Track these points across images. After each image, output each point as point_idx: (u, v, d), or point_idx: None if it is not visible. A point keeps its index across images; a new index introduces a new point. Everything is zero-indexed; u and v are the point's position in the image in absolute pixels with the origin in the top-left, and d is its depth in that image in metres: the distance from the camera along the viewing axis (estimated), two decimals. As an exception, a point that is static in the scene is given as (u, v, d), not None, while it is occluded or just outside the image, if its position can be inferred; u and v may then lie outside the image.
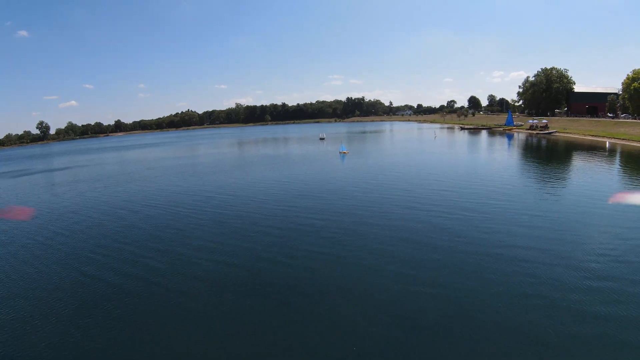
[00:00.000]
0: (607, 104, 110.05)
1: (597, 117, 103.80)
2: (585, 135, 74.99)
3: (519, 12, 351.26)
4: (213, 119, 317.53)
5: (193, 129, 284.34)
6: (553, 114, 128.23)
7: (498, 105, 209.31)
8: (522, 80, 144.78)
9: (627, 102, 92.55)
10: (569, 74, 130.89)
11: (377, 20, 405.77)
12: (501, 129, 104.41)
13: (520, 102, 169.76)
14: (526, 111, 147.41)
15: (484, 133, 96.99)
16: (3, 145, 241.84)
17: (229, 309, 12.03)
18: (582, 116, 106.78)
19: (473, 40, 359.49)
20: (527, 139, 75.30)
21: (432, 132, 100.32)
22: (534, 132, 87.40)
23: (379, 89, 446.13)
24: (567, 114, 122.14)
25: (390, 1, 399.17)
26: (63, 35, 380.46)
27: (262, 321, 11.11)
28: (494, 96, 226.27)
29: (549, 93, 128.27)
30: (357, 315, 11.12)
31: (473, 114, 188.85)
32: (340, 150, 57.49)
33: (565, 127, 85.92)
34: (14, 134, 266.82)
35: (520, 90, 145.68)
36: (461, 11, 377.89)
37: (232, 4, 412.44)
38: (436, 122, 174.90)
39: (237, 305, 12.21)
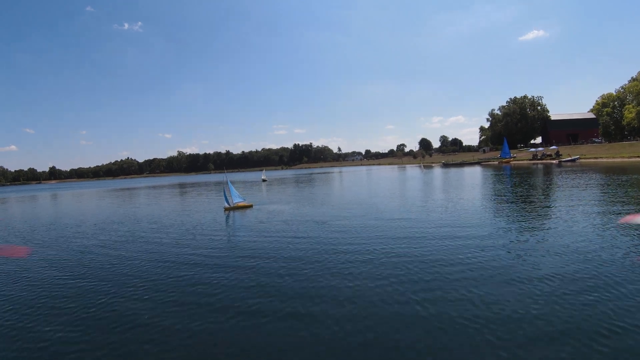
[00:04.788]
0: (599, 128, 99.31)
1: (579, 144, 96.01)
2: (614, 158, 60.91)
3: (453, 59, 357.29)
4: (153, 167, 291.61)
5: (131, 177, 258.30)
6: (526, 145, 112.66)
7: (452, 145, 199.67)
8: (464, 121, 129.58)
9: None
10: (543, 101, 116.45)
11: (319, 71, 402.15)
12: (496, 162, 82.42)
13: (482, 137, 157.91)
14: (490, 146, 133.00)
15: (477, 168, 73.63)
16: None
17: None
18: (563, 144, 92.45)
19: (411, 89, 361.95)
20: (550, 170, 51.66)
21: (416, 169, 77.91)
22: (543, 161, 66.85)
23: (323, 137, 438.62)
24: (545, 143, 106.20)
25: (330, 54, 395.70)
26: (4, 77, 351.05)
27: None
28: (446, 137, 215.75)
29: (524, 122, 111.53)
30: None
31: (430, 155, 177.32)
32: (227, 206, 24.98)
33: (583, 154, 66.95)
34: None
35: (489, 123, 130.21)
36: (399, 62, 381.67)
37: (177, 53, 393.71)
38: (394, 164, 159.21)
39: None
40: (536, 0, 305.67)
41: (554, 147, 75.21)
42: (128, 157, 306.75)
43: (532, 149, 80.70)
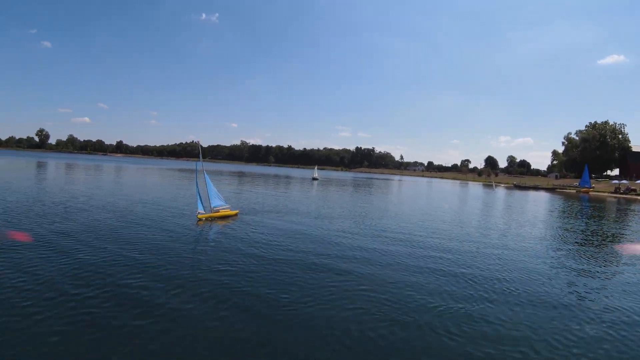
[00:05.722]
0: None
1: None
2: None
3: (527, 78, 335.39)
4: (215, 153, 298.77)
5: (194, 160, 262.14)
6: (601, 175, 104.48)
7: (520, 166, 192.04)
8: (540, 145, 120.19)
9: None
10: (626, 130, 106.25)
11: (388, 77, 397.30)
12: (573, 190, 77.71)
13: (555, 162, 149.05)
14: (562, 172, 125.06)
15: (551, 195, 70.23)
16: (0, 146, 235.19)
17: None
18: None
19: (480, 104, 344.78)
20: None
21: (478, 186, 75.47)
22: (627, 196, 62.62)
23: (385, 143, 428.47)
24: (624, 175, 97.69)
25: (402, 61, 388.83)
26: (85, 54, 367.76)
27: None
28: (514, 157, 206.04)
29: (603, 150, 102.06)
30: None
31: (496, 174, 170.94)
32: (202, 213, 17.91)
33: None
34: (17, 137, 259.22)
35: (564, 147, 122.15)
36: (470, 75, 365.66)
37: (250, 46, 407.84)
38: (457, 179, 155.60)
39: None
40: (617, 25, 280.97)
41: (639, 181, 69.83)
42: (192, 141, 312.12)
43: (615, 181, 75.17)
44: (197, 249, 12.89)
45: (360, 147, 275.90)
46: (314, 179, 72.57)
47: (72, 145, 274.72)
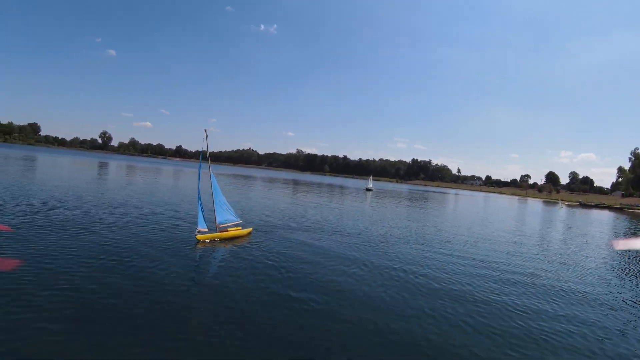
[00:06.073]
0: None
1: None
2: None
3: (588, 90, 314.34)
4: (271, 161, 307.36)
5: (249, 167, 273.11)
6: None
7: (583, 184, 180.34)
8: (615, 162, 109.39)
9: None
10: None
11: (446, 88, 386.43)
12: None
13: (620, 179, 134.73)
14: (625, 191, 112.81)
15: (620, 215, 62.93)
16: (64, 146, 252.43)
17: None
18: None
19: (540, 118, 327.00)
20: None
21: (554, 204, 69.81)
22: None
23: (442, 156, 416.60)
24: None
25: (459, 72, 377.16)
26: (148, 62, 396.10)
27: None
28: (576, 174, 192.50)
29: None
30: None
31: (557, 191, 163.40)
32: (203, 231, 13.93)
33: None
34: (81, 138, 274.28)
35: (631, 163, 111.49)
36: (529, 87, 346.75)
37: (307, 57, 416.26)
38: (516, 195, 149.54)
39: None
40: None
41: None
42: (249, 148, 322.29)
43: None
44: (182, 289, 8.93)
45: (417, 159, 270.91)
46: (368, 189, 70.14)
47: (134, 148, 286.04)
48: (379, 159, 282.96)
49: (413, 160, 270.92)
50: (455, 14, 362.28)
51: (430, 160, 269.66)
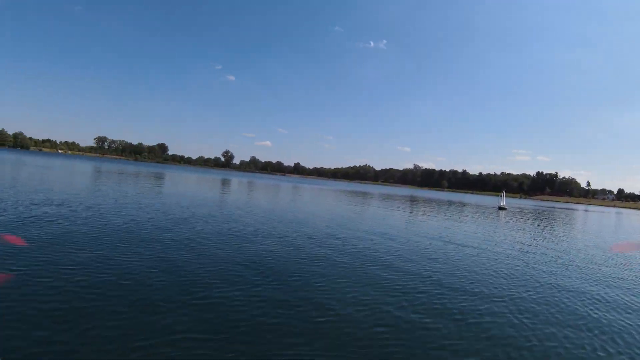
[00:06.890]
0: None
1: None
2: None
3: None
4: (387, 177, 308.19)
5: (365, 183, 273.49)
6: None
7: None
8: None
9: None
10: None
11: (567, 94, 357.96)
12: None
13: None
14: None
15: None
16: (190, 164, 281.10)
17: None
18: None
19: None
20: None
21: None
22: None
23: (568, 168, 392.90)
24: None
25: (582, 76, 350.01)
26: (265, 85, 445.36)
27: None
28: None
29: None
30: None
31: None
32: None
33: None
34: (205, 157, 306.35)
35: None
36: None
37: (417, 70, 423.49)
38: None
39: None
40: None
41: None
42: (366, 164, 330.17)
43: None
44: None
45: (542, 172, 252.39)
46: (501, 208, 60.39)
47: (254, 165, 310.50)
48: (501, 173, 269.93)
49: (538, 173, 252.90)
50: (563, 11, 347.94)
51: (556, 172, 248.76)
